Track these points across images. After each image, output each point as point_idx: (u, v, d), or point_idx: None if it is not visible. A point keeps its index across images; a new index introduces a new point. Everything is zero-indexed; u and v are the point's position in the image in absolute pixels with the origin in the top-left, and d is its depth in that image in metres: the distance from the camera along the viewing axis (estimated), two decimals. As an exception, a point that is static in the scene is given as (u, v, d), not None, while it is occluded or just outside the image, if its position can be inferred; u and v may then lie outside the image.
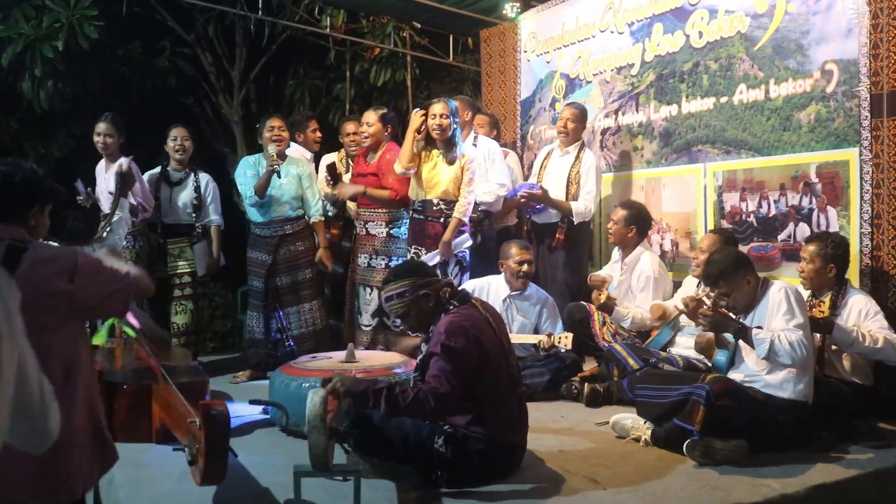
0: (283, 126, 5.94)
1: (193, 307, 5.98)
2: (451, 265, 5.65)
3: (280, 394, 4.29)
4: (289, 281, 5.87)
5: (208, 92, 11.91)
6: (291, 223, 5.90)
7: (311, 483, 3.16)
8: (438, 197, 5.67)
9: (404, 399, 3.22)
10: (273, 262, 5.84)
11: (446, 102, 5.73)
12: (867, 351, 4.16)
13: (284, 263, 5.86)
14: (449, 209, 5.65)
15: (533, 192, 6.05)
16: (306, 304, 5.91)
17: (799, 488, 3.37)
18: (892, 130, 4.63)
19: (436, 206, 5.68)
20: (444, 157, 5.69)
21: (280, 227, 5.86)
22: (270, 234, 5.87)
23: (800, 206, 5.17)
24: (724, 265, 4.01)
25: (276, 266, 5.85)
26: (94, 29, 8.60)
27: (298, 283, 5.89)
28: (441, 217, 5.66)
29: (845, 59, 4.90)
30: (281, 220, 5.87)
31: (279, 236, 5.86)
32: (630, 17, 6.44)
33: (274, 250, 5.84)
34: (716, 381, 3.80)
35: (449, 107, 5.68)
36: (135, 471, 3.65)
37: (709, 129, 5.78)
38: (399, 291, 3.53)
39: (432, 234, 5.67)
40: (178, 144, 6.04)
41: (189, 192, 6.02)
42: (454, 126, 5.69)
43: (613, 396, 4.86)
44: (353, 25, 10.97)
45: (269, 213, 5.86)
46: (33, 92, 9.16)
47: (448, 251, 5.59)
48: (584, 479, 3.48)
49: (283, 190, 5.82)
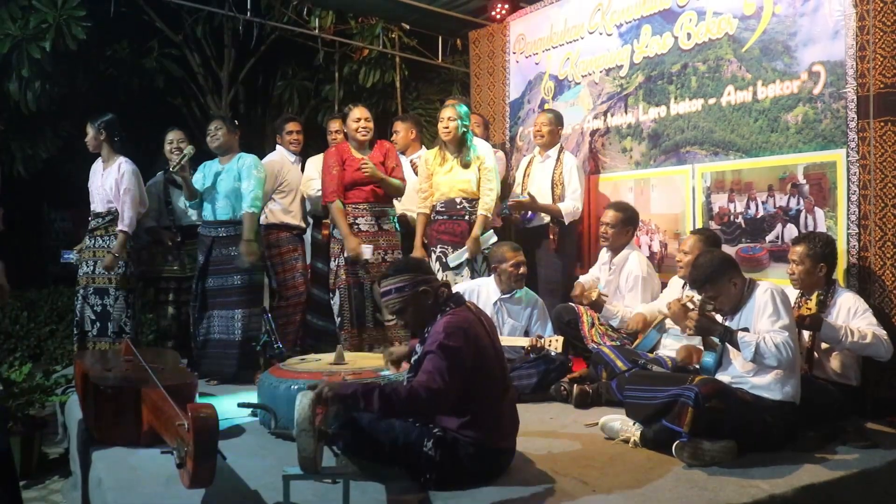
0: (218, 125, 5.89)
1: (175, 312, 5.97)
2: (479, 261, 5.73)
3: (269, 396, 4.28)
4: (216, 284, 5.71)
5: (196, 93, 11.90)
6: (225, 226, 5.74)
7: (300, 486, 3.15)
8: (460, 196, 5.86)
9: (397, 396, 3.20)
10: (205, 263, 5.74)
11: (454, 106, 5.89)
12: (856, 347, 4.18)
13: (215, 265, 5.72)
14: (472, 207, 5.82)
15: (520, 200, 6.06)
16: (238, 311, 5.68)
17: (787, 489, 3.38)
18: (878, 132, 4.65)
19: (459, 204, 5.87)
20: (458, 160, 5.84)
21: (213, 229, 5.77)
22: (206, 233, 5.81)
23: (787, 207, 5.19)
24: (710, 269, 4.01)
25: (208, 267, 5.73)
26: (82, 29, 8.60)
27: (227, 288, 5.69)
28: (465, 214, 5.86)
29: (832, 60, 4.92)
30: (214, 222, 5.78)
31: (212, 237, 5.75)
32: (618, 19, 6.46)
33: (208, 251, 5.73)
34: (704, 382, 3.81)
35: (458, 110, 5.82)
36: (123, 474, 3.62)
37: (697, 130, 5.79)
38: (398, 286, 3.52)
39: (458, 231, 5.86)
40: (173, 147, 6.07)
41: None
42: (463, 129, 5.82)
43: (602, 398, 4.87)
44: (341, 27, 10.97)
45: (206, 210, 5.80)
46: (20, 92, 9.14)
47: (477, 248, 5.73)
48: (573, 481, 3.48)
49: (221, 187, 5.74)
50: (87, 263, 5.74)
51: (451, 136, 5.87)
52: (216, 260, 5.73)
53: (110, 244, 5.71)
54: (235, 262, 5.63)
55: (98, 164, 5.89)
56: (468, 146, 5.89)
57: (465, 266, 5.83)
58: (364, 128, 5.91)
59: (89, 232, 5.80)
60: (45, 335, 8.52)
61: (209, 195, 5.78)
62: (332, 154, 5.96)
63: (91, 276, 5.71)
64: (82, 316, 5.70)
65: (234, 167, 5.76)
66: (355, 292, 5.84)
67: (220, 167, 5.81)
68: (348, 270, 5.82)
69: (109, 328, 5.69)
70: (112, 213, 5.75)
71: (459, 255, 5.76)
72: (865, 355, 4.29)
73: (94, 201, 5.81)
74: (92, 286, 5.70)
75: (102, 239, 5.75)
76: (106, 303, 5.70)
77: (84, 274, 5.73)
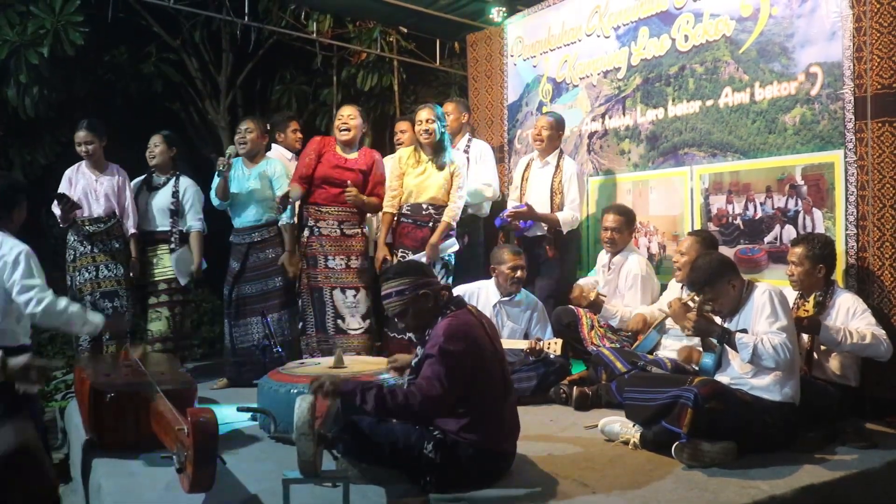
0: (251, 128, 5.88)
1: (169, 314, 5.91)
2: (438, 267, 5.66)
3: (268, 400, 4.28)
4: (257, 290, 5.78)
5: (194, 97, 11.90)
6: (259, 230, 5.81)
7: (300, 490, 3.15)
8: (427, 202, 5.71)
9: (393, 399, 3.22)
10: (241, 270, 5.78)
11: (432, 108, 5.74)
12: (856, 348, 4.18)
13: (252, 272, 5.78)
14: (438, 214, 5.70)
15: (518, 210, 5.99)
16: (275, 314, 5.77)
17: (787, 489, 3.39)
18: (876, 132, 4.66)
19: (425, 210, 5.73)
20: (434, 163, 5.73)
21: (248, 235, 5.82)
22: (240, 241, 5.84)
23: (786, 208, 5.19)
24: (708, 272, 4.02)
25: (244, 273, 5.78)
26: (80, 35, 8.59)
27: (268, 291, 5.79)
28: (430, 221, 5.71)
29: (829, 61, 4.93)
30: (248, 228, 5.82)
31: (248, 244, 5.80)
32: (616, 21, 6.46)
33: (243, 258, 5.78)
34: (703, 383, 3.81)
35: (435, 111, 5.71)
36: (123, 479, 3.63)
37: (695, 132, 5.80)
38: (399, 289, 3.51)
39: (420, 237, 5.72)
40: (149, 151, 6.03)
41: (166, 196, 5.95)
42: (441, 131, 5.71)
43: (602, 400, 4.87)
44: (339, 30, 10.97)
45: (238, 216, 5.83)
46: (18, 98, 9.13)
47: (434, 254, 5.63)
48: (574, 483, 3.48)
49: (251, 193, 5.77)
50: (87, 270, 5.70)
51: (431, 140, 5.72)
52: (253, 266, 5.79)
53: (112, 248, 5.71)
54: (274, 266, 5.75)
55: (81, 169, 5.80)
56: (445, 149, 5.78)
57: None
58: (344, 125, 5.80)
59: (86, 238, 5.72)
60: (45, 341, 8.51)
61: (236, 199, 5.78)
62: (315, 142, 5.88)
63: (95, 281, 5.68)
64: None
65: (264, 171, 5.80)
66: (316, 297, 5.77)
67: (245, 171, 5.81)
68: (309, 275, 5.78)
69: None
70: (113, 218, 5.75)
71: (417, 259, 5.63)
72: (865, 356, 4.29)
73: (85, 207, 5.71)
74: (98, 291, 5.66)
75: (104, 244, 5.73)
76: (117, 305, 5.69)
77: (87, 280, 5.67)
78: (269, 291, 5.80)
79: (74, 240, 5.71)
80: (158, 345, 5.86)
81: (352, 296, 5.74)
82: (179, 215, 5.94)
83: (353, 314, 5.74)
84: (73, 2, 8.56)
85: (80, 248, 5.71)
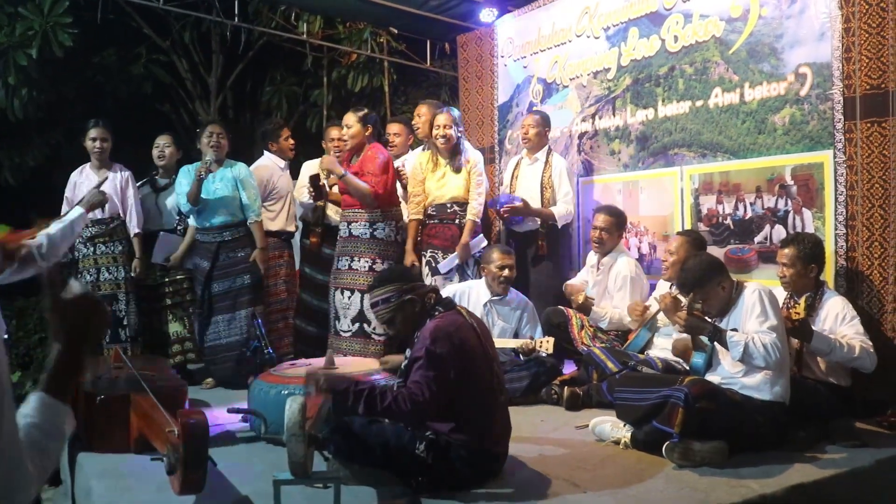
0: (222, 133, 5.89)
1: (185, 315, 6.00)
2: (471, 265, 5.73)
3: (259, 401, 4.27)
4: (223, 288, 5.79)
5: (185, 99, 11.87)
6: (230, 229, 5.82)
7: (291, 491, 3.15)
8: (450, 201, 5.87)
9: (382, 401, 3.22)
10: (211, 269, 5.78)
11: (449, 112, 5.86)
12: (844, 359, 4.19)
13: (221, 270, 5.79)
14: (462, 210, 5.83)
15: (514, 205, 6.04)
16: (242, 311, 5.79)
17: (777, 488, 3.39)
18: (865, 133, 4.68)
19: (450, 208, 5.86)
20: (451, 166, 5.84)
21: (218, 234, 5.81)
22: (210, 240, 5.83)
23: (776, 208, 5.21)
24: (698, 273, 4.03)
25: (213, 272, 5.79)
26: (69, 36, 8.56)
27: (235, 289, 5.79)
28: (455, 219, 5.85)
29: (818, 62, 4.95)
30: (219, 227, 5.81)
31: (218, 242, 5.80)
32: (606, 22, 6.48)
33: (213, 257, 5.78)
34: (694, 383, 3.82)
35: (452, 116, 5.81)
36: (113, 481, 3.61)
37: (685, 132, 5.81)
38: (385, 297, 3.51)
39: (449, 235, 5.85)
40: (159, 151, 6.09)
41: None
42: (458, 135, 5.81)
43: (593, 400, 4.87)
44: (329, 31, 10.96)
45: (207, 218, 5.81)
46: (7, 100, 9.10)
47: (467, 253, 5.72)
48: (565, 483, 3.48)
49: (217, 194, 5.77)
50: (88, 272, 5.69)
51: (449, 146, 5.87)
52: (223, 264, 5.80)
53: (114, 250, 5.71)
54: (243, 264, 5.76)
55: (86, 172, 5.81)
56: (460, 151, 5.89)
57: (455, 272, 5.83)
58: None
59: (88, 240, 5.71)
60: (35, 343, 8.48)
61: (204, 204, 5.77)
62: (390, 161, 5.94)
63: (96, 283, 5.67)
64: None
65: (228, 175, 5.80)
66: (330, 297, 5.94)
67: (212, 175, 5.79)
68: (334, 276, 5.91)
69: (122, 334, 5.69)
70: (117, 219, 5.75)
71: (451, 260, 5.76)
72: (851, 367, 4.30)
73: None
74: (98, 294, 5.65)
75: (106, 245, 5.73)
76: (116, 308, 5.69)
77: (87, 283, 5.64)
78: (237, 289, 5.80)
79: (77, 241, 5.69)
80: (177, 346, 5.91)
81: (347, 297, 5.75)
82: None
83: (345, 315, 5.75)
84: (61, 3, 8.53)
85: (82, 250, 5.73)
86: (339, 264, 5.87)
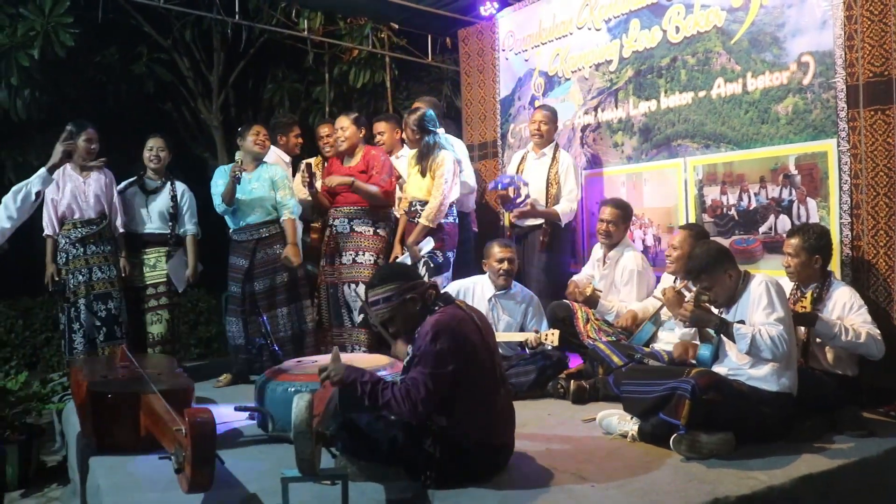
0: (266, 133, 6.00)
1: (169, 317, 5.96)
2: (420, 267, 5.71)
3: (266, 399, 4.28)
4: (265, 286, 5.82)
5: (187, 97, 11.86)
6: (267, 227, 5.87)
7: (299, 488, 3.15)
8: (416, 199, 5.88)
9: (383, 396, 3.25)
10: (250, 267, 5.82)
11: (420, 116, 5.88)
12: (849, 345, 4.18)
13: (261, 267, 5.83)
14: (422, 209, 5.75)
15: (523, 209, 6.10)
16: (283, 309, 5.86)
17: (785, 480, 3.39)
18: (868, 121, 4.67)
19: (413, 207, 5.91)
20: (420, 166, 5.86)
21: (255, 231, 5.85)
22: (246, 238, 5.86)
23: (780, 198, 5.20)
24: (705, 259, 4.02)
25: (253, 270, 5.82)
26: (70, 36, 8.55)
27: (276, 287, 5.84)
28: (415, 218, 5.85)
29: (821, 50, 4.93)
30: (256, 225, 5.85)
31: (255, 240, 5.84)
32: (607, 14, 6.46)
33: (251, 255, 5.82)
34: (701, 374, 3.82)
35: (422, 121, 5.85)
36: (121, 480, 3.62)
37: (688, 123, 5.80)
38: (385, 296, 3.50)
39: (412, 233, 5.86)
40: (152, 154, 6.01)
41: (165, 201, 6.01)
42: (426, 139, 5.85)
43: (599, 393, 4.88)
44: (330, 28, 10.93)
45: (242, 218, 5.85)
46: (10, 101, 9.09)
47: (415, 254, 5.70)
48: (572, 476, 3.49)
49: (254, 194, 5.81)
50: (80, 273, 5.66)
51: (414, 147, 6.00)
52: (262, 261, 5.85)
53: (104, 249, 5.70)
54: (281, 261, 5.81)
55: (67, 171, 5.67)
56: (426, 155, 5.86)
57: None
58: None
59: (78, 241, 5.66)
60: (41, 343, 8.50)
61: (239, 204, 5.82)
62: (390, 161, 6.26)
63: (89, 283, 5.65)
64: (89, 325, 5.62)
65: (265, 175, 5.87)
66: (331, 293, 6.07)
67: (246, 175, 5.83)
68: (325, 272, 6.09)
69: (118, 331, 5.69)
70: (104, 219, 5.73)
71: (403, 259, 5.79)
72: (858, 354, 4.29)
73: (75, 209, 5.67)
74: (92, 293, 5.64)
75: (96, 245, 5.71)
76: (111, 307, 5.68)
77: (80, 283, 5.63)
78: (276, 287, 5.85)
79: (66, 242, 5.67)
80: (159, 347, 5.89)
81: (354, 290, 5.91)
82: (177, 219, 6.02)
83: (355, 307, 5.92)
84: (62, 3, 8.51)
85: (72, 251, 5.67)
86: (342, 259, 6.01)
